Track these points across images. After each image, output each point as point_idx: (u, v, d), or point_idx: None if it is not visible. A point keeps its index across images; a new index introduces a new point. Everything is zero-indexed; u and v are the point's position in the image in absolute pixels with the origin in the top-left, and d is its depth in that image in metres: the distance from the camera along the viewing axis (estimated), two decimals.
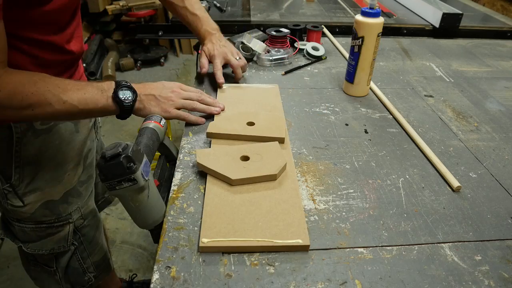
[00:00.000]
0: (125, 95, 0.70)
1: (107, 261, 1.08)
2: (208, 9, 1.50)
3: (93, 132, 0.97)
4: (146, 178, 0.54)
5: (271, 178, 0.63)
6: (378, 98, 0.95)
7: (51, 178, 0.84)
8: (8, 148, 0.76)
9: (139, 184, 0.53)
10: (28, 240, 0.88)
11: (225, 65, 0.96)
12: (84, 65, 3.03)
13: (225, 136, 0.73)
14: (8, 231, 0.89)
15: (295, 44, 1.19)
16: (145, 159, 0.55)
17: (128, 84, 0.72)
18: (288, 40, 1.15)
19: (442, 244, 0.56)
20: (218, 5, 1.56)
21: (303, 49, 1.17)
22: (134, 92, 0.71)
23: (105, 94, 0.69)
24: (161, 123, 0.71)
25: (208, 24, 0.98)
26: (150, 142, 0.66)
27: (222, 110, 0.82)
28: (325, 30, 1.34)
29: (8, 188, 0.80)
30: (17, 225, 0.86)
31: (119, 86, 0.70)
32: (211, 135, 0.74)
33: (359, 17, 0.87)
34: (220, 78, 0.91)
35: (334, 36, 1.32)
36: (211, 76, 0.96)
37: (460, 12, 1.38)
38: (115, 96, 0.69)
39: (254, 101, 0.88)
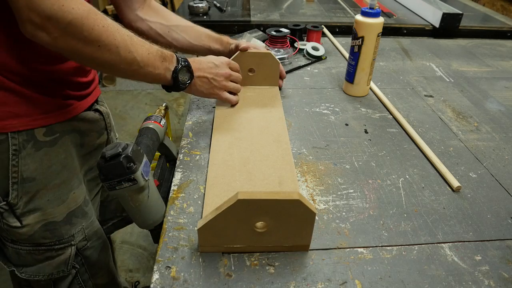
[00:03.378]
0: (184, 77, 0.73)
1: (116, 284, 0.98)
2: (208, 9, 1.50)
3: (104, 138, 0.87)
4: (146, 178, 0.54)
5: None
6: (378, 98, 0.95)
7: (54, 198, 0.74)
8: (4, 161, 0.67)
9: (139, 184, 0.53)
10: (23, 264, 0.77)
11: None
12: None
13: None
14: (0, 253, 0.78)
15: (295, 44, 1.19)
16: (145, 159, 0.55)
17: (187, 64, 0.73)
18: (288, 40, 1.15)
19: (442, 244, 0.56)
20: (218, 5, 1.56)
21: (303, 49, 1.17)
22: (191, 74, 0.74)
23: (165, 64, 0.69)
24: (161, 123, 0.71)
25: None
26: (150, 142, 0.66)
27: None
28: (325, 30, 1.34)
29: (4, 207, 0.70)
30: (11, 246, 0.75)
31: (179, 64, 0.71)
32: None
33: (359, 17, 0.87)
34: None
35: (334, 36, 1.32)
36: None
37: (460, 12, 1.38)
38: (175, 75, 0.70)
39: (254, 101, 0.88)
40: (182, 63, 0.72)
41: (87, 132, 0.79)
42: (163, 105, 0.82)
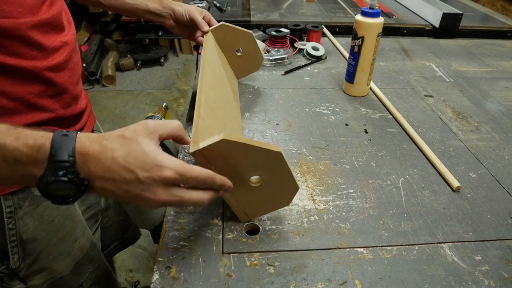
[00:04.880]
0: (64, 191, 0.39)
1: None
2: (208, 9, 1.50)
3: None
4: None
5: None
6: (378, 98, 0.95)
7: (59, 253, 0.68)
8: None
9: None
10: None
11: None
12: (84, 65, 3.03)
13: None
14: None
15: (295, 44, 1.19)
16: None
17: (69, 171, 0.38)
18: (288, 40, 1.15)
19: (442, 244, 0.56)
20: (218, 5, 1.56)
21: (303, 49, 1.17)
22: (82, 186, 0.39)
23: (19, 168, 0.38)
24: None
25: None
26: None
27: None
28: (325, 30, 1.34)
29: (3, 271, 0.64)
30: None
31: (52, 173, 0.38)
32: None
33: (359, 17, 0.87)
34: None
35: (334, 36, 1.32)
36: None
37: (460, 12, 1.38)
38: (44, 189, 0.39)
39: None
40: (59, 173, 0.38)
41: None
42: (163, 105, 0.82)
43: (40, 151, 0.38)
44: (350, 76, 0.94)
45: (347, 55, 1.02)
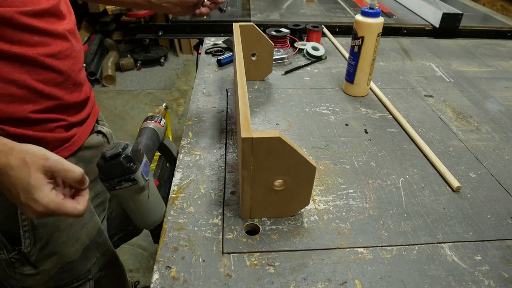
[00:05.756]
0: None
1: None
2: None
3: None
4: (146, 178, 0.54)
5: None
6: (378, 98, 0.95)
7: (68, 238, 0.71)
8: (11, 210, 0.63)
9: (139, 184, 0.53)
10: None
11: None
12: (84, 65, 3.03)
13: None
14: None
15: (295, 44, 1.19)
16: (145, 159, 0.55)
17: None
18: (288, 40, 1.15)
19: (442, 244, 0.56)
20: None
21: (303, 49, 1.17)
22: None
23: None
24: (161, 123, 0.71)
25: None
26: (150, 142, 0.66)
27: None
28: (325, 30, 1.34)
29: (15, 256, 0.66)
30: None
31: None
32: None
33: (359, 17, 0.87)
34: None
35: (334, 36, 1.32)
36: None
37: (460, 12, 1.38)
38: None
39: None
40: None
41: (92, 160, 0.75)
42: (163, 105, 0.82)
43: None
44: (350, 76, 0.94)
45: (347, 55, 1.02)
